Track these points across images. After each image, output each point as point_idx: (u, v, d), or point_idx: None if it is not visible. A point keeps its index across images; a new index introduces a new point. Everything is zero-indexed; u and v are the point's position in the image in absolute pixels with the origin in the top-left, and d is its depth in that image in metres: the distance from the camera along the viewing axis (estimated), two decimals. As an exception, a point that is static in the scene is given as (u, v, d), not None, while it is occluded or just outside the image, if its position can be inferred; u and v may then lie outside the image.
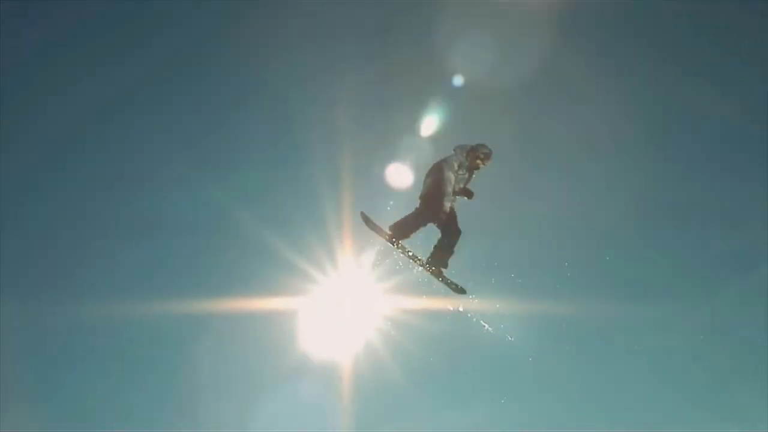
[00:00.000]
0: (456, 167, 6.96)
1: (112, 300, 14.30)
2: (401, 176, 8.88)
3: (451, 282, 7.31)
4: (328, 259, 14.28)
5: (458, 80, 15.07)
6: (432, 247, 7.23)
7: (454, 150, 7.13)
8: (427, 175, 7.12)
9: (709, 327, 16.78)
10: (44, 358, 14.66)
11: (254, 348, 15.18)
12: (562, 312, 14.48)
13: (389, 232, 7.18)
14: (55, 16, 14.90)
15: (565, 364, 15.76)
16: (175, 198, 14.99)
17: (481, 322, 8.70)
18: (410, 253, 7.21)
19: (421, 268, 7.29)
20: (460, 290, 7.36)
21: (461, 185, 7.14)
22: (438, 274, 7.18)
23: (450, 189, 6.83)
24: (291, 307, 14.70)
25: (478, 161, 7.08)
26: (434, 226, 7.13)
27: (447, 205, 6.79)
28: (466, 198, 7.25)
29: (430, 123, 13.06)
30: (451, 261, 7.24)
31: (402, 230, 7.16)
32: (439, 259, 7.16)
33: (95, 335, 14.93)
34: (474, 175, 7.23)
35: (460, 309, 8.11)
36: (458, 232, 7.07)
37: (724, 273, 17.58)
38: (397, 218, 7.25)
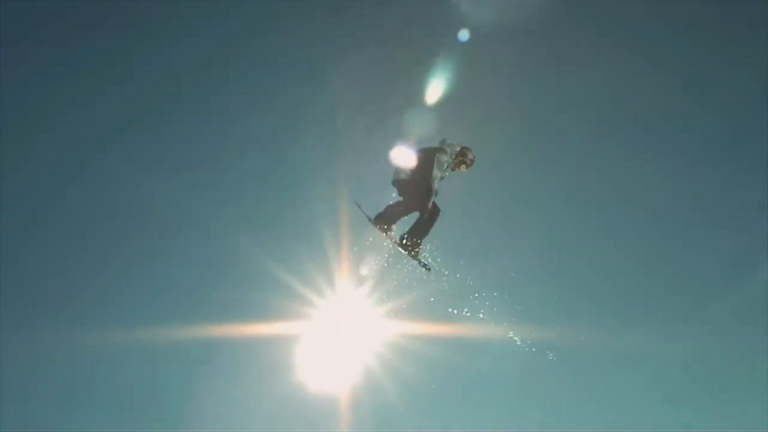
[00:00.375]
0: (444, 166, 6.96)
1: (112, 326, 14.21)
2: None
3: (422, 260, 7.23)
4: (326, 283, 14.25)
5: (464, 35, 14.23)
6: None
7: (442, 145, 7.08)
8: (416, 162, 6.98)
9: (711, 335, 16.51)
10: (44, 385, 14.41)
11: (251, 374, 15.01)
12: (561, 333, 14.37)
13: (376, 226, 7.18)
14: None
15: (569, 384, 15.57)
16: (173, 223, 14.97)
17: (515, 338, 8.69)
18: (398, 240, 7.14)
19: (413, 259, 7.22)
20: (428, 269, 7.31)
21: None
22: (412, 248, 7.09)
23: (436, 186, 6.86)
24: (288, 332, 14.56)
25: (463, 166, 7.10)
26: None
27: (432, 201, 6.85)
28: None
29: (437, 88, 12.69)
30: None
31: (387, 222, 7.16)
32: (416, 233, 7.07)
33: (98, 361, 14.75)
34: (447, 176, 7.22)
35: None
36: (438, 211, 7.03)
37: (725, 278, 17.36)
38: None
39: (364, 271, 13.66)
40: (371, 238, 13.69)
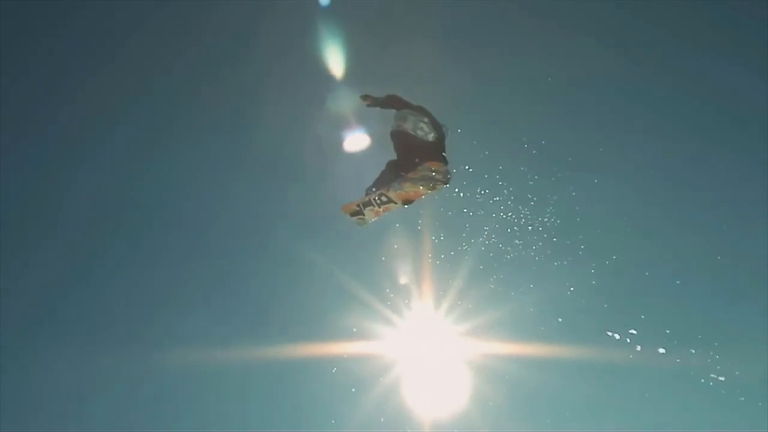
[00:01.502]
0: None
1: (193, 348, 14.56)
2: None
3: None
4: (404, 301, 14.05)
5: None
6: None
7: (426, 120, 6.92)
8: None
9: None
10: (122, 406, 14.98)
11: (331, 394, 14.90)
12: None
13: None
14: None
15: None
16: (256, 244, 15.19)
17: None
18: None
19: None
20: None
21: None
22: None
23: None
24: (366, 351, 14.38)
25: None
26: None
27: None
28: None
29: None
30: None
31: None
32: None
33: (178, 382, 15.14)
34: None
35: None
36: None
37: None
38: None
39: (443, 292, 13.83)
40: (452, 253, 13.60)
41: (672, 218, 15.34)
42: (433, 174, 6.54)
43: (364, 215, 6.97)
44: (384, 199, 6.79)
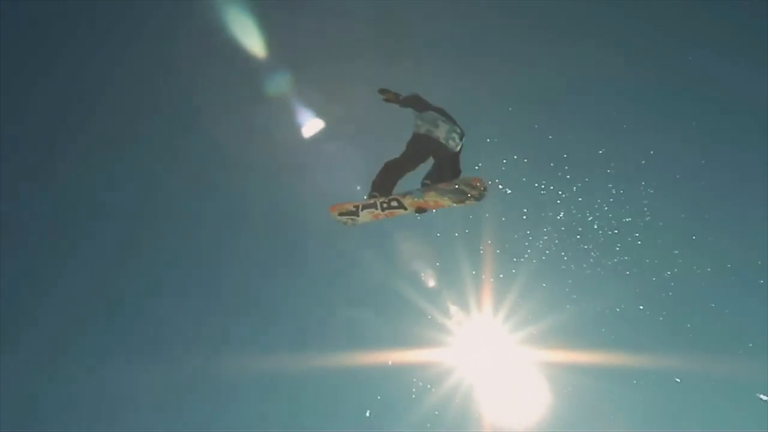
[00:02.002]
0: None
1: (265, 355, 15.10)
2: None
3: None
4: (462, 309, 14.25)
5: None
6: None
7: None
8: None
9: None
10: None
11: (389, 402, 15.17)
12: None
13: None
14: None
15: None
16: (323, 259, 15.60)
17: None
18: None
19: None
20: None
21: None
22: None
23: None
24: (425, 359, 14.62)
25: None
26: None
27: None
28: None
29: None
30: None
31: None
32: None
33: (257, 389, 15.67)
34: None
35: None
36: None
37: None
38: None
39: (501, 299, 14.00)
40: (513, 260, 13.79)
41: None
42: (472, 190, 6.02)
43: (358, 217, 6.29)
44: (394, 204, 6.13)
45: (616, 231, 14.25)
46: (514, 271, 13.95)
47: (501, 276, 14.03)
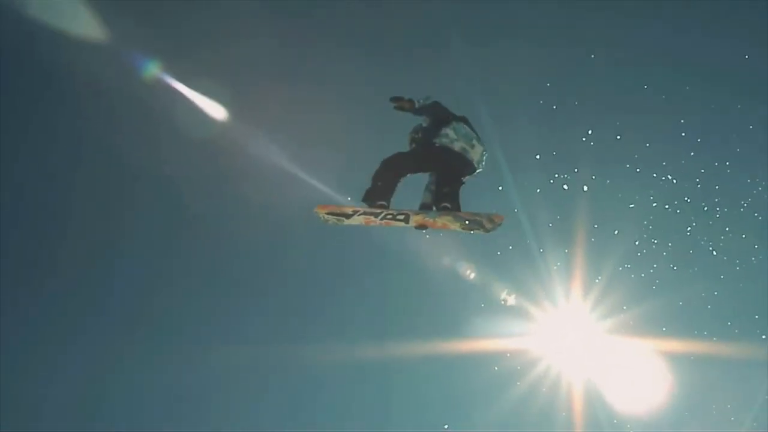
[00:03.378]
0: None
1: (333, 343, 15.30)
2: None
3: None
4: (545, 296, 14.24)
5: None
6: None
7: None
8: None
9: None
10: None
11: (472, 390, 15.30)
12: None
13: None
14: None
15: None
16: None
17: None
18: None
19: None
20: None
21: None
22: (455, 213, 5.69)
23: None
24: (507, 347, 14.63)
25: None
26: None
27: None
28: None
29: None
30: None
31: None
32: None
33: (320, 376, 16.06)
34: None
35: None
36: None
37: None
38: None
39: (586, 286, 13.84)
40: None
41: None
42: (489, 224, 5.59)
43: (347, 219, 5.80)
44: (400, 217, 5.68)
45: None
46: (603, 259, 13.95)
47: (590, 264, 14.03)
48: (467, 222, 5.60)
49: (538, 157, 13.92)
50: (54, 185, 14.68)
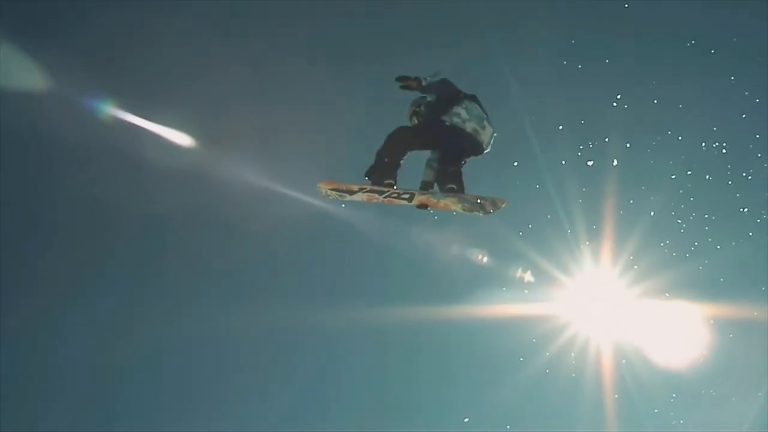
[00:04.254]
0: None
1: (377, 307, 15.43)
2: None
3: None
4: (573, 261, 14.16)
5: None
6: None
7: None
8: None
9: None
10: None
11: (496, 357, 15.45)
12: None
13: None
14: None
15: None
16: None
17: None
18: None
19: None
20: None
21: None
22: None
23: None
24: (534, 312, 14.62)
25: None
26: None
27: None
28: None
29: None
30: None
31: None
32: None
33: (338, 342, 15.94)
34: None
35: None
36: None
37: None
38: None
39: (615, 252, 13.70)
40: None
41: None
42: (491, 207, 5.68)
43: (350, 196, 5.78)
44: (405, 196, 5.67)
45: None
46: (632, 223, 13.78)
47: (619, 229, 13.87)
48: (471, 205, 5.66)
49: (561, 127, 13.46)
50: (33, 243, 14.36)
